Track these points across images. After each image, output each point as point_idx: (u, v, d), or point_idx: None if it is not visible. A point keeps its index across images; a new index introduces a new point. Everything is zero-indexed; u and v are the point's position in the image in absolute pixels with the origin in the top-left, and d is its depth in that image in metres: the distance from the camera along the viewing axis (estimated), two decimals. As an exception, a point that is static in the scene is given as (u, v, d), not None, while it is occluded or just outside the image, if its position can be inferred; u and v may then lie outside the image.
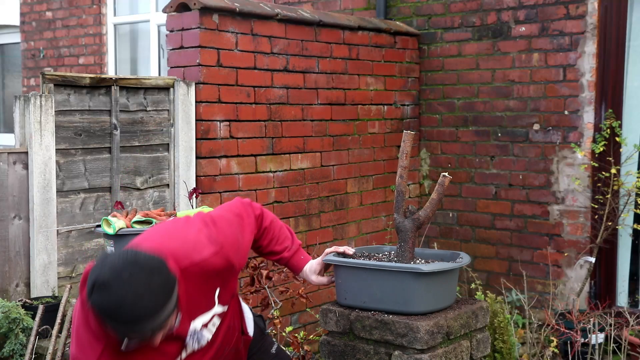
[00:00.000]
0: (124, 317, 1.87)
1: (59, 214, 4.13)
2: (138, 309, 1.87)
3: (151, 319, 1.90)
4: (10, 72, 9.50)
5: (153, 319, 1.90)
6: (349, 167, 5.31)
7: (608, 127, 5.01)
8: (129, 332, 1.93)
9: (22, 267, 4.12)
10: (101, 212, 4.28)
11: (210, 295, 2.22)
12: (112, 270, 1.88)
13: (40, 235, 4.06)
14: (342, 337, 2.56)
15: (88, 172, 4.24)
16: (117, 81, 4.28)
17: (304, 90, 4.94)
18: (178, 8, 4.34)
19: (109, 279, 1.87)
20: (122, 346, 1.99)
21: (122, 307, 1.86)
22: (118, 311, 1.86)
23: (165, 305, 1.92)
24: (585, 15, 5.14)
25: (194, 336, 2.18)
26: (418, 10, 5.87)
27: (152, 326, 1.92)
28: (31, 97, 3.97)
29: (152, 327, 1.92)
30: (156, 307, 1.90)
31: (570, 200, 5.25)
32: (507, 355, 3.94)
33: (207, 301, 2.22)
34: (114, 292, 1.85)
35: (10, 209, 4.05)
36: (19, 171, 4.05)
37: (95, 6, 7.95)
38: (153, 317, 1.90)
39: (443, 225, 5.82)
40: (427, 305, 2.48)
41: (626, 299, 5.14)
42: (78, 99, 4.17)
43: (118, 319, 1.88)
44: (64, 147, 4.14)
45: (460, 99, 5.73)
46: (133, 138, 4.38)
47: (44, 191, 4.05)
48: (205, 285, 2.18)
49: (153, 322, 1.91)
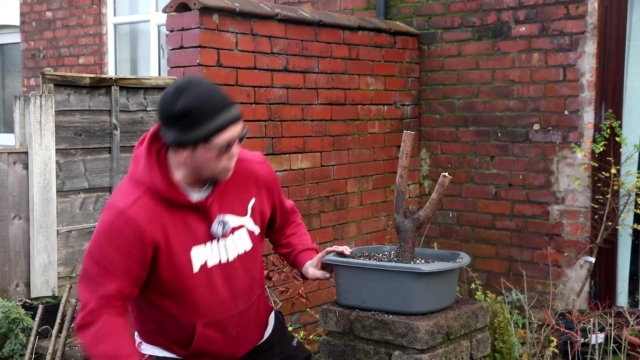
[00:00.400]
0: (213, 100, 2.15)
1: (59, 214, 4.14)
2: (219, 95, 2.18)
3: (233, 107, 2.19)
4: (10, 72, 9.50)
5: (234, 108, 2.20)
6: (349, 167, 5.31)
7: (608, 127, 5.01)
8: (223, 120, 2.16)
9: (22, 267, 4.12)
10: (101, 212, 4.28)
11: (244, 201, 2.40)
12: (182, 82, 2.17)
13: (40, 235, 4.06)
14: (342, 337, 2.56)
15: (88, 172, 4.24)
16: (117, 81, 4.28)
17: (304, 90, 4.94)
18: (178, 8, 4.34)
19: (184, 85, 2.15)
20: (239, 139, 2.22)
21: (208, 94, 2.15)
22: (207, 98, 2.14)
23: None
24: (585, 15, 5.14)
25: (220, 222, 2.31)
26: (418, 10, 5.87)
27: (237, 114, 2.19)
28: (31, 97, 3.97)
29: (238, 116, 2.19)
30: (231, 99, 2.21)
31: (570, 200, 5.25)
32: (507, 355, 3.94)
33: (241, 206, 2.39)
34: (194, 90, 2.14)
35: (10, 209, 4.05)
36: (19, 171, 4.06)
37: (95, 6, 7.95)
38: (234, 106, 2.20)
39: (443, 225, 5.82)
40: (427, 305, 2.48)
41: (626, 299, 5.14)
42: (78, 99, 4.17)
43: (209, 103, 2.14)
44: (64, 147, 4.14)
45: (460, 99, 5.73)
46: (133, 138, 4.38)
47: (44, 191, 4.05)
48: (243, 187, 2.39)
49: (236, 112, 2.20)
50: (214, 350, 2.38)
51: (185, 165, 2.23)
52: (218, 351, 2.39)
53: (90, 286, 2.20)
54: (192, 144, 2.16)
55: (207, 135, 2.15)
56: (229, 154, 2.22)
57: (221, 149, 2.18)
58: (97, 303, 2.17)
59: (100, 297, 2.17)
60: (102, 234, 2.21)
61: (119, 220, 2.19)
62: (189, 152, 2.18)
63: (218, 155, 2.19)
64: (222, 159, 2.21)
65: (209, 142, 2.16)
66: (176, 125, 2.15)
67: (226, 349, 2.41)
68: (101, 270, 2.19)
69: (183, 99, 2.12)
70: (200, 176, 2.26)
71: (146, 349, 2.41)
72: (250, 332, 2.48)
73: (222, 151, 2.19)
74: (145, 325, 2.39)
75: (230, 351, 2.42)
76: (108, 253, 2.18)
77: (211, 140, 2.16)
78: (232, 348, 2.42)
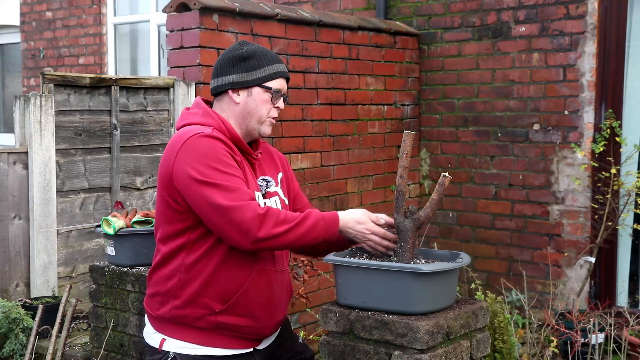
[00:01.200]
0: (271, 53, 2.50)
1: (59, 214, 4.14)
2: (274, 53, 2.55)
3: (285, 66, 2.51)
4: (10, 72, 9.50)
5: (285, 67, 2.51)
6: (349, 167, 5.31)
7: (608, 127, 5.01)
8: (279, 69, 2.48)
9: (22, 267, 4.12)
10: (101, 212, 4.28)
11: (275, 173, 2.59)
12: (243, 40, 2.55)
13: (40, 235, 4.06)
14: (342, 337, 2.56)
15: (88, 172, 4.24)
16: (117, 81, 4.28)
17: (304, 90, 4.94)
18: (178, 8, 4.34)
19: (245, 41, 2.53)
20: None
21: (266, 49, 2.51)
22: (266, 50, 2.50)
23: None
24: (585, 15, 5.14)
25: (264, 180, 2.51)
26: (418, 10, 5.87)
27: (287, 72, 2.51)
28: (31, 97, 3.97)
29: (288, 74, 2.51)
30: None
31: (570, 200, 5.25)
32: (507, 355, 3.93)
33: (273, 176, 2.57)
34: (255, 44, 2.51)
35: (10, 209, 4.06)
36: (19, 171, 4.06)
37: (95, 6, 7.95)
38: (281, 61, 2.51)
39: (443, 225, 5.82)
40: (427, 305, 2.48)
41: (626, 299, 5.14)
42: (78, 99, 4.17)
43: (269, 53, 2.49)
44: (64, 147, 4.14)
45: (460, 99, 5.73)
46: (133, 138, 4.38)
47: (44, 191, 4.05)
48: (272, 162, 2.61)
49: (287, 70, 2.51)
50: (252, 305, 2.39)
51: (237, 111, 2.45)
52: (255, 308, 2.40)
53: (238, 192, 2.24)
54: (252, 84, 2.43)
55: (266, 77, 2.44)
56: (277, 103, 2.47)
57: (274, 94, 2.45)
58: (254, 197, 2.30)
59: (252, 195, 2.29)
60: (206, 153, 2.27)
61: (213, 140, 2.30)
62: (245, 93, 2.44)
63: (270, 101, 2.45)
64: (272, 106, 2.46)
65: (267, 83, 2.44)
66: (240, 66, 2.44)
67: (262, 310, 2.42)
68: (233, 177, 2.27)
69: (248, 47, 2.47)
70: (247, 124, 2.46)
71: (171, 345, 2.39)
72: (282, 299, 2.53)
73: (274, 97, 2.45)
74: (192, 285, 2.37)
75: (265, 313, 2.43)
76: (224, 162, 2.28)
77: (268, 82, 2.44)
78: (267, 310, 2.44)
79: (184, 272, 2.37)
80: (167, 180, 2.32)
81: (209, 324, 2.37)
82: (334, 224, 2.39)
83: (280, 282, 2.50)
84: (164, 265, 2.41)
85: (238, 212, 2.20)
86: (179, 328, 2.39)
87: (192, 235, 2.35)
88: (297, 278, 4.14)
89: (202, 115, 2.43)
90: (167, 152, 2.35)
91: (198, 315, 2.37)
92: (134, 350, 3.30)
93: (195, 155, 2.25)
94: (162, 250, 2.42)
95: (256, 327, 2.43)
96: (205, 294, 2.36)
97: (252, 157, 2.47)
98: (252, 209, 2.21)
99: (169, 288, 2.39)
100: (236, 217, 2.20)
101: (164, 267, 2.41)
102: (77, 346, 3.91)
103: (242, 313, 2.39)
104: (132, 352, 3.31)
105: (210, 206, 2.22)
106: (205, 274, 2.35)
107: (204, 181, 2.23)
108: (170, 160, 2.30)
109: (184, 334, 2.39)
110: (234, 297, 2.36)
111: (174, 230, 2.37)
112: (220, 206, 2.21)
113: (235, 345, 2.42)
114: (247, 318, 2.40)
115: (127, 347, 3.32)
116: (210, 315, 2.36)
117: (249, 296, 2.38)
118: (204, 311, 2.36)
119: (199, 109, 2.46)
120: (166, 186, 2.33)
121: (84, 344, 3.91)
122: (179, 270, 2.37)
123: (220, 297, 2.36)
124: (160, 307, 2.42)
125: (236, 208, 2.20)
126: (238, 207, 2.20)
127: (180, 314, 2.38)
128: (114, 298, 3.35)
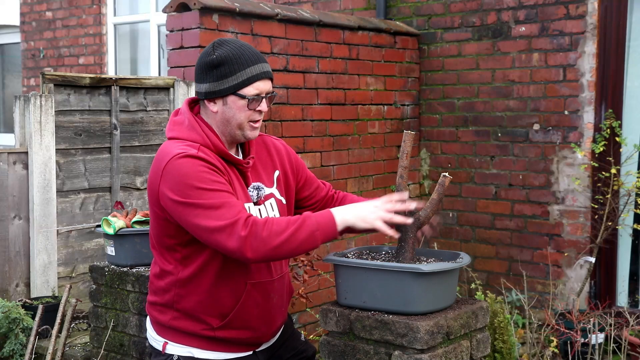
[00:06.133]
0: (247, 53, 2.32)
1: (59, 214, 4.14)
2: (253, 50, 2.35)
3: (265, 63, 2.35)
4: (10, 72, 9.51)
5: (266, 65, 2.36)
6: (349, 167, 5.31)
7: (608, 127, 5.01)
8: (254, 72, 2.31)
9: (22, 267, 4.12)
10: (101, 212, 4.28)
11: (270, 172, 2.51)
12: (220, 38, 2.39)
13: (40, 235, 4.06)
14: (342, 337, 2.56)
15: (88, 172, 4.24)
16: (117, 81, 4.28)
17: (304, 90, 4.94)
18: (178, 8, 4.34)
19: (221, 40, 2.36)
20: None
21: (242, 48, 2.33)
22: (241, 50, 2.32)
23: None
24: (585, 15, 5.14)
25: (255, 188, 2.42)
26: (418, 10, 5.87)
27: (267, 70, 2.35)
28: (31, 97, 3.97)
29: (269, 72, 2.35)
30: (263, 56, 2.38)
31: (570, 200, 5.25)
32: (507, 355, 3.93)
33: (268, 177, 2.50)
34: (230, 44, 2.34)
35: (10, 209, 4.06)
36: (19, 171, 4.06)
37: (95, 6, 7.95)
38: (265, 62, 2.36)
39: (443, 225, 5.82)
40: (427, 305, 2.48)
41: (626, 299, 5.14)
42: (78, 99, 4.17)
43: (243, 55, 2.31)
44: (64, 147, 4.14)
45: (460, 99, 5.73)
46: (133, 138, 4.38)
47: (44, 191, 4.05)
48: (268, 161, 2.52)
49: (268, 68, 2.35)
50: (249, 317, 2.39)
51: (217, 119, 2.35)
52: (252, 320, 2.41)
53: (222, 209, 2.18)
54: (225, 93, 2.31)
55: (239, 85, 2.30)
56: (258, 107, 2.34)
57: (251, 101, 2.31)
58: (242, 210, 2.21)
59: (240, 207, 2.21)
60: (188, 174, 2.21)
61: (195, 160, 2.24)
62: (221, 102, 2.33)
63: (247, 107, 2.32)
64: (251, 111, 2.33)
65: (240, 91, 2.30)
66: (212, 74, 2.31)
67: (259, 321, 2.42)
68: (217, 192, 2.21)
69: (219, 51, 2.32)
70: (229, 131, 2.37)
71: (173, 349, 2.41)
72: (281, 305, 2.52)
73: (251, 103, 2.32)
74: (188, 300, 2.37)
75: (263, 323, 2.44)
76: (207, 179, 2.21)
77: (242, 90, 2.30)
78: (264, 320, 2.44)
79: (180, 286, 2.38)
80: (155, 199, 2.32)
81: (208, 335, 2.40)
82: (331, 229, 2.31)
83: (278, 289, 2.50)
84: (160, 278, 2.42)
85: (222, 234, 2.17)
86: (180, 335, 2.42)
87: (185, 250, 2.35)
88: (297, 278, 4.14)
89: (187, 128, 2.36)
90: (153, 172, 2.33)
91: (196, 329, 2.39)
92: (134, 350, 3.30)
93: (178, 176, 2.22)
94: (158, 262, 2.44)
95: (254, 336, 2.46)
96: (202, 311, 2.37)
97: (241, 166, 2.41)
98: (235, 232, 2.16)
99: (166, 301, 2.41)
100: (221, 239, 2.18)
101: (160, 279, 2.42)
102: (77, 346, 3.91)
103: (240, 326, 2.40)
104: (132, 352, 3.31)
105: (197, 228, 2.22)
106: (200, 290, 2.36)
107: (187, 202, 2.20)
108: (156, 182, 2.29)
109: (185, 340, 2.41)
110: (231, 314, 2.37)
111: (168, 243, 2.38)
112: (205, 228, 2.19)
113: (236, 350, 2.44)
114: (245, 330, 2.42)
115: (127, 347, 3.32)
116: (208, 330, 2.39)
117: (245, 310, 2.39)
118: (202, 325, 2.39)
119: (185, 119, 2.38)
120: (156, 203, 2.33)
121: (84, 344, 3.91)
122: (175, 285, 2.39)
123: (217, 313, 2.38)
124: (160, 315, 2.45)
125: (220, 229, 2.17)
126: (222, 229, 2.17)
127: (180, 325, 2.41)
128: (114, 298, 3.35)
